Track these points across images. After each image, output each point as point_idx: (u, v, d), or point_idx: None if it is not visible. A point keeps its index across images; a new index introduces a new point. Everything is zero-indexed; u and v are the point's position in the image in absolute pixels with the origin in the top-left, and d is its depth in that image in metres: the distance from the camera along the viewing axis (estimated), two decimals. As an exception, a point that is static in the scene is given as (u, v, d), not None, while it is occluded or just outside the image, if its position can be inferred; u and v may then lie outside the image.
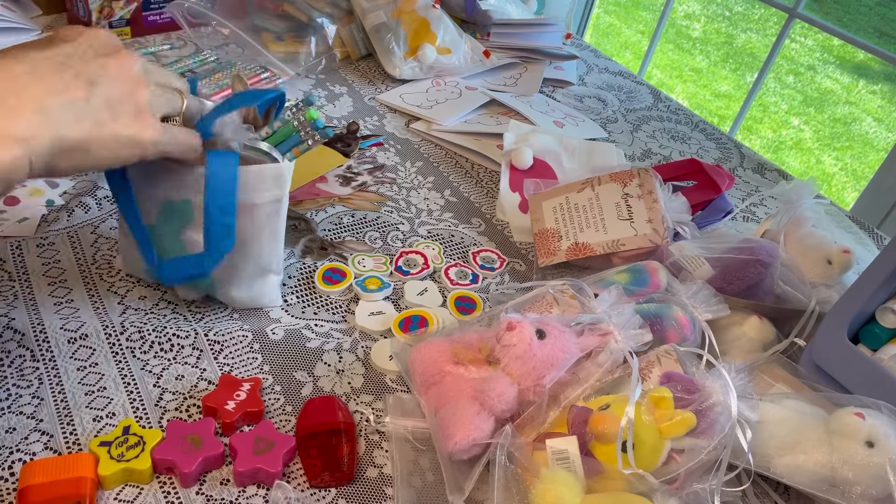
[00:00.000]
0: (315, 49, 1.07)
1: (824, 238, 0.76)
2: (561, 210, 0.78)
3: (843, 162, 3.13)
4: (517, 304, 0.66)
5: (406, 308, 0.71)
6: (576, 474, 0.50)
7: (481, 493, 0.55)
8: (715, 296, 0.65)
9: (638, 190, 0.76)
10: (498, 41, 1.19)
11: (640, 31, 3.92)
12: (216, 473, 0.54)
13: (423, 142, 0.98)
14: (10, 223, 0.72)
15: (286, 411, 0.60)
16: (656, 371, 0.59)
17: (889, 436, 0.54)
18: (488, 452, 0.53)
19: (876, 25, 4.23)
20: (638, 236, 0.74)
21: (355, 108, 1.03)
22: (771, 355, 0.66)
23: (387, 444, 0.59)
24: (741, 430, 0.54)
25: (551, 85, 1.18)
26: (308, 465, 0.55)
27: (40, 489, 0.49)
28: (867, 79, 3.83)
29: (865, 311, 0.66)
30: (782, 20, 1.41)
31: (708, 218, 0.85)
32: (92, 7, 0.99)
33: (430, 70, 1.10)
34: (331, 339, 0.67)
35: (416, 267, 0.76)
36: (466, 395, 0.56)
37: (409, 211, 0.85)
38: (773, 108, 3.43)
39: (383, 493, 0.56)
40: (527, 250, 0.83)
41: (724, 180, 0.88)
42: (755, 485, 0.59)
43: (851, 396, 0.59)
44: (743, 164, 1.07)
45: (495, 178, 0.93)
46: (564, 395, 0.57)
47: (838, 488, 0.54)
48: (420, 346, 0.61)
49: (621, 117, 1.13)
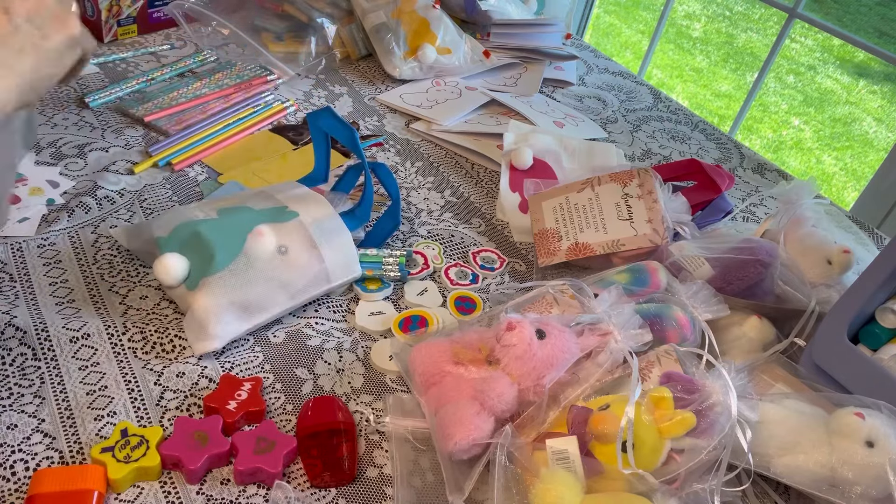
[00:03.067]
0: (315, 49, 1.07)
1: (824, 238, 0.76)
2: (561, 210, 0.78)
3: (843, 162, 3.13)
4: (517, 304, 0.66)
5: (406, 308, 0.72)
6: (576, 474, 0.51)
7: (481, 493, 0.55)
8: (715, 296, 0.65)
9: (638, 190, 0.76)
10: (498, 41, 1.19)
11: (640, 31, 3.92)
12: (217, 473, 0.54)
13: (423, 142, 0.98)
14: (11, 223, 0.72)
15: (287, 410, 0.60)
16: (656, 371, 0.59)
17: (889, 436, 0.54)
18: (488, 452, 0.53)
19: (876, 25, 4.23)
20: (638, 236, 0.74)
21: (355, 108, 1.03)
22: (771, 355, 0.66)
23: (387, 444, 0.59)
24: (741, 430, 0.54)
25: (551, 85, 1.18)
26: (308, 465, 0.55)
27: (48, 499, 0.49)
28: (867, 79, 3.83)
29: (865, 311, 0.66)
30: (782, 20, 1.41)
31: (708, 218, 0.85)
32: (101, 6, 1.00)
33: (430, 70, 1.10)
34: (331, 339, 0.67)
35: (416, 267, 0.76)
36: (466, 395, 0.56)
37: (409, 211, 0.85)
38: (773, 108, 3.43)
39: (383, 493, 0.56)
40: (527, 250, 0.83)
41: (724, 180, 0.88)
42: (755, 485, 0.59)
43: (851, 396, 0.59)
44: (743, 164, 1.07)
45: (495, 178, 0.93)
46: (564, 395, 0.57)
47: (838, 488, 0.54)
48: (420, 346, 0.62)
49: (621, 117, 1.13)
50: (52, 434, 0.55)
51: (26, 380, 0.59)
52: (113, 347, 0.62)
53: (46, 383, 0.59)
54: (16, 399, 0.57)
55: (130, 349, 0.63)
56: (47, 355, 0.61)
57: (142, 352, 0.63)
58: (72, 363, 0.60)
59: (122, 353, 0.62)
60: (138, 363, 0.62)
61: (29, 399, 0.57)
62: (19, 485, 0.51)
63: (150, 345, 0.63)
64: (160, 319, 0.66)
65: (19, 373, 0.59)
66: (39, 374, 0.59)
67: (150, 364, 0.62)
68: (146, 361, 0.62)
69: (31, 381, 0.59)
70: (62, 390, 0.58)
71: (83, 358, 0.61)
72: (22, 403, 0.57)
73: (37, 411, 0.56)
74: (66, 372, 0.60)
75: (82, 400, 0.58)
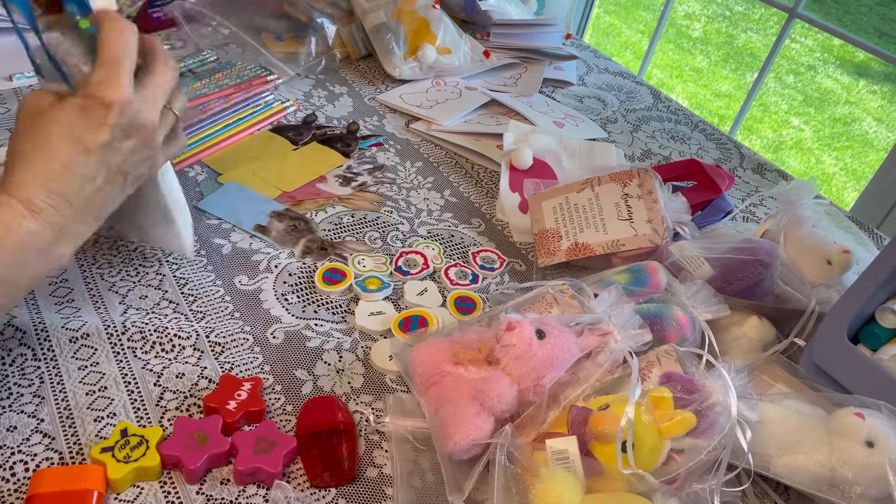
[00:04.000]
0: (315, 49, 1.07)
1: (824, 238, 0.76)
2: (561, 210, 0.78)
3: (843, 162, 3.13)
4: (517, 304, 0.66)
5: (406, 308, 0.72)
6: (576, 474, 0.51)
7: (481, 493, 0.55)
8: (715, 296, 0.65)
9: (638, 190, 0.76)
10: (498, 41, 1.19)
11: (640, 31, 3.92)
12: (217, 473, 0.54)
13: (423, 142, 0.98)
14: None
15: (286, 411, 0.60)
16: (656, 371, 0.59)
17: (889, 436, 0.54)
18: (488, 452, 0.53)
19: (876, 25, 4.23)
20: (638, 236, 0.74)
21: (355, 108, 1.03)
22: (771, 355, 0.66)
23: (387, 444, 0.59)
24: (741, 430, 0.54)
25: (551, 85, 1.18)
26: (308, 465, 0.55)
27: (48, 499, 0.49)
28: (867, 79, 3.83)
29: (865, 311, 0.66)
30: (782, 20, 1.41)
31: (708, 218, 0.85)
32: None
33: (430, 70, 1.10)
34: (331, 339, 0.67)
35: (416, 267, 0.76)
36: (466, 395, 0.56)
37: (409, 211, 0.85)
38: (773, 108, 3.43)
39: (383, 493, 0.56)
40: (527, 250, 0.83)
41: (723, 180, 0.88)
42: (755, 485, 0.59)
43: (851, 396, 0.59)
44: (743, 164, 1.07)
45: (495, 178, 0.93)
46: (564, 395, 0.57)
47: (838, 488, 0.54)
48: (420, 346, 0.62)
49: (621, 117, 1.13)
50: (52, 434, 0.55)
51: (26, 380, 0.59)
52: (112, 347, 0.62)
53: (46, 383, 0.59)
54: (15, 399, 0.57)
55: (130, 349, 0.63)
56: (47, 355, 0.61)
57: (141, 352, 0.63)
58: (71, 363, 0.60)
59: (121, 353, 0.62)
60: (138, 363, 0.62)
61: (28, 399, 0.57)
62: (19, 485, 0.51)
63: (150, 345, 0.63)
64: (160, 319, 0.66)
65: (19, 373, 0.59)
66: (39, 374, 0.59)
67: (149, 364, 0.62)
68: (146, 361, 0.62)
69: (30, 381, 0.59)
70: (62, 390, 0.58)
71: (83, 358, 0.61)
72: (21, 403, 0.57)
73: (36, 411, 0.56)
74: (65, 372, 0.60)
75: (82, 400, 0.58)
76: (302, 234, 0.78)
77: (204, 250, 0.74)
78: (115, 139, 0.52)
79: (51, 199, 0.50)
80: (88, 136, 0.51)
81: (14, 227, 0.49)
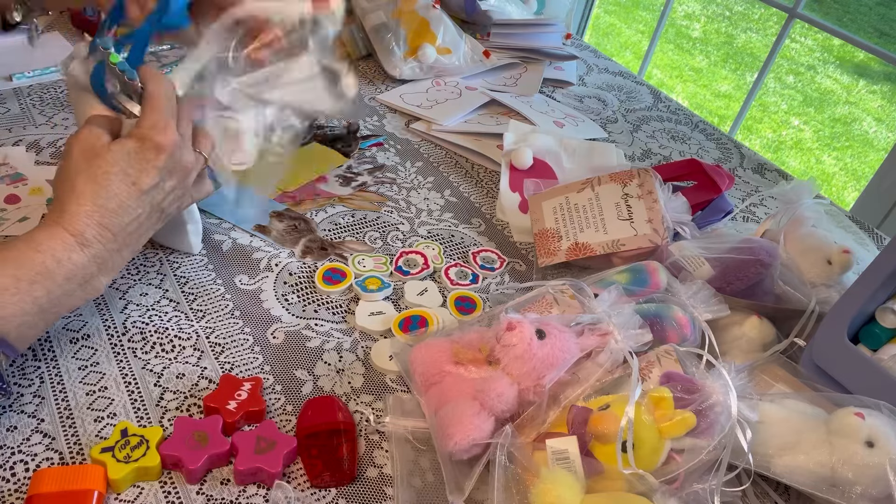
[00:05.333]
0: (315, 49, 1.07)
1: (824, 238, 0.76)
2: (561, 210, 0.78)
3: (843, 162, 3.13)
4: (517, 304, 0.66)
5: (406, 308, 0.72)
6: (576, 474, 0.51)
7: (481, 493, 0.55)
8: (715, 296, 0.65)
9: (638, 190, 0.76)
10: (498, 41, 1.19)
11: (640, 31, 3.92)
12: (217, 473, 0.54)
13: (423, 142, 0.98)
14: (11, 223, 0.72)
15: (287, 411, 0.60)
16: (656, 371, 0.59)
17: (889, 436, 0.54)
18: (488, 452, 0.53)
19: (876, 25, 4.23)
20: (638, 236, 0.74)
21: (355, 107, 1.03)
22: (771, 355, 0.66)
23: (387, 444, 0.59)
24: (741, 430, 0.54)
25: (551, 85, 1.18)
26: (308, 464, 0.55)
27: (48, 499, 0.49)
28: (867, 79, 3.83)
29: (865, 311, 0.66)
30: (782, 20, 1.41)
31: (708, 218, 0.85)
32: None
33: (430, 70, 1.10)
34: (331, 339, 0.67)
35: (416, 267, 0.76)
36: (466, 395, 0.56)
37: (409, 211, 0.85)
38: (773, 108, 3.43)
39: (383, 493, 0.56)
40: (527, 250, 0.83)
41: (723, 180, 0.88)
42: (755, 485, 0.59)
43: (851, 396, 0.59)
44: (743, 164, 1.07)
45: (495, 178, 0.93)
46: (564, 395, 0.57)
47: (838, 488, 0.54)
48: (420, 346, 0.62)
49: (621, 117, 1.13)
50: (52, 434, 0.55)
51: (26, 380, 0.59)
52: (113, 348, 0.62)
53: (46, 383, 0.59)
54: (15, 399, 0.57)
55: (130, 349, 0.63)
56: (47, 355, 0.61)
57: (142, 352, 0.62)
58: (71, 363, 0.60)
59: (121, 353, 0.62)
60: (138, 363, 0.62)
61: (28, 399, 0.57)
62: (19, 485, 0.51)
63: (150, 345, 0.63)
64: (160, 319, 0.66)
65: (19, 373, 0.59)
66: (39, 374, 0.59)
67: (149, 364, 0.62)
68: (146, 361, 0.62)
69: (30, 381, 0.59)
70: (62, 390, 0.58)
71: (83, 358, 0.61)
72: (21, 403, 0.57)
73: (36, 411, 0.56)
74: (65, 372, 0.60)
75: (82, 400, 0.58)
76: (302, 234, 0.78)
77: (205, 249, 0.74)
78: (162, 179, 0.58)
79: (101, 233, 0.55)
80: (142, 177, 0.56)
81: (64, 259, 0.53)
